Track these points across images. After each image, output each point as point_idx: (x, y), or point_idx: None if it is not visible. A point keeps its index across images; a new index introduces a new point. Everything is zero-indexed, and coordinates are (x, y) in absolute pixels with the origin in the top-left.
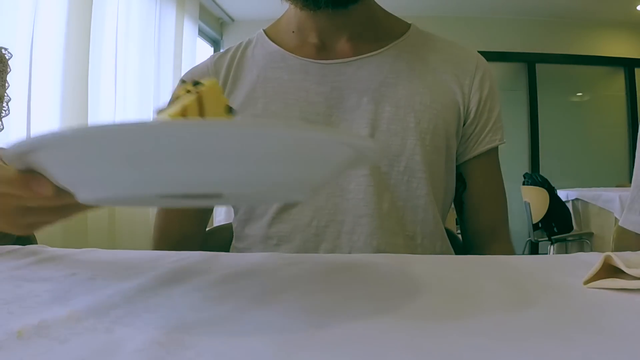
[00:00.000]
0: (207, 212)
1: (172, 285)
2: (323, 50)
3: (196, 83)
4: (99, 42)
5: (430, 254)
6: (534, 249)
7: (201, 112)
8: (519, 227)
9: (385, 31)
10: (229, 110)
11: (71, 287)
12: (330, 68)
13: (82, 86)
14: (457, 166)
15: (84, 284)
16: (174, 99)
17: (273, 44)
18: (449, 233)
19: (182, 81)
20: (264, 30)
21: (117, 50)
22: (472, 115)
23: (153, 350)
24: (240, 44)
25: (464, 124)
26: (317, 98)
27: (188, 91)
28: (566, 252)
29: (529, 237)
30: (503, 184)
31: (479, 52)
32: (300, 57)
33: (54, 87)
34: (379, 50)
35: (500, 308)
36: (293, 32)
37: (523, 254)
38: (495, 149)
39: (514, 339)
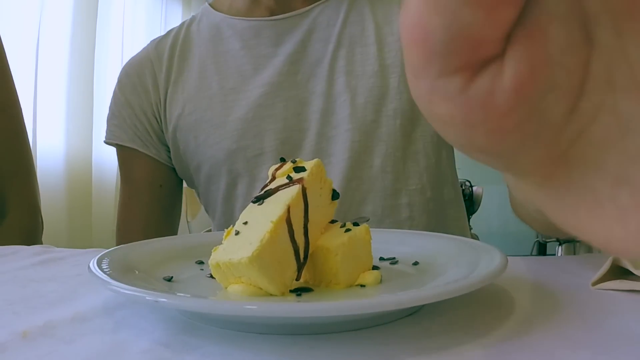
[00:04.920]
0: (175, 208)
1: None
2: (278, 11)
3: (298, 168)
4: (105, 41)
5: (440, 204)
6: (542, 250)
7: (305, 207)
8: (526, 227)
9: None
10: (333, 194)
11: (77, 287)
12: (285, 23)
13: (88, 85)
14: None
15: (89, 284)
16: (272, 177)
17: (218, 12)
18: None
19: (282, 159)
20: (209, 4)
21: (123, 49)
22: None
23: (158, 352)
24: (183, 23)
25: None
26: (276, 61)
27: (289, 176)
28: (574, 253)
29: (537, 237)
30: None
31: None
32: (249, 19)
33: (60, 87)
34: None
35: (508, 309)
36: None
37: (531, 254)
38: None
39: (522, 340)
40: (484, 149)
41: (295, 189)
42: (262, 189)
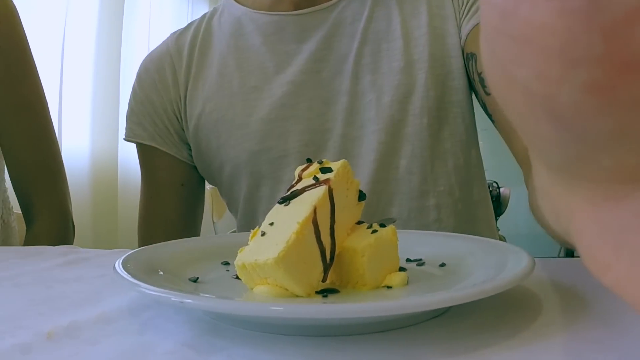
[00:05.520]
0: (198, 207)
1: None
2: (303, 5)
3: (324, 169)
4: (131, 39)
5: (469, 205)
6: (569, 252)
7: (332, 207)
8: None
9: None
10: (360, 194)
11: (101, 288)
12: (309, 19)
13: (114, 84)
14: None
15: (114, 285)
16: (298, 177)
17: (240, 6)
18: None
19: (308, 160)
20: None
21: (149, 47)
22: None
23: (184, 353)
24: (204, 15)
25: (461, 17)
26: (300, 58)
27: (315, 177)
28: None
29: None
30: None
31: None
32: (271, 14)
33: (86, 85)
34: None
35: (535, 311)
36: None
37: (559, 256)
38: None
39: (549, 342)
40: (567, 117)
41: (321, 189)
42: (288, 190)
